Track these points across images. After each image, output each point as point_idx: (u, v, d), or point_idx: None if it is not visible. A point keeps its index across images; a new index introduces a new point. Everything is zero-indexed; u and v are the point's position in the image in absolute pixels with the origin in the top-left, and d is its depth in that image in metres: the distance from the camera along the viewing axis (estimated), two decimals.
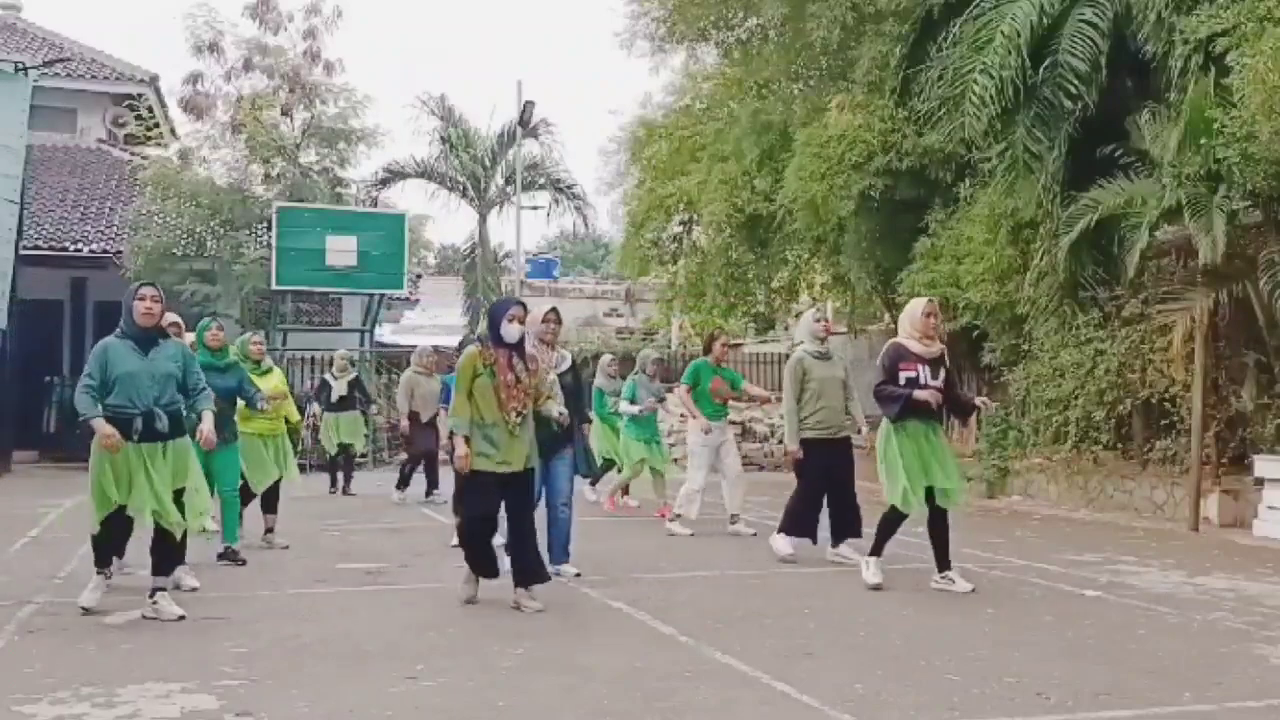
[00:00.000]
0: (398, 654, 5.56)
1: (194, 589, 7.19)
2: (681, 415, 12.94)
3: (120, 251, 18.97)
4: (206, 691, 4.84)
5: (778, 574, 8.11)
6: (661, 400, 12.29)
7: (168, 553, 6.58)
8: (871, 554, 7.44)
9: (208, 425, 6.68)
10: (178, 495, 6.47)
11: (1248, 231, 10.90)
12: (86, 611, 6.43)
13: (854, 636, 6.07)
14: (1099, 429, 12.44)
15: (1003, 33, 11.91)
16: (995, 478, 13.94)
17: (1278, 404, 10.94)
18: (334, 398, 14.34)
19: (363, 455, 15.05)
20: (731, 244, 18.74)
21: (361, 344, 21.04)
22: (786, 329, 25.67)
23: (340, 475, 14.46)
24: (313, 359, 19.22)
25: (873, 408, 7.80)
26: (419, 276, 24.19)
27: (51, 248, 19.59)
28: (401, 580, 7.84)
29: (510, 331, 6.77)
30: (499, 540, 6.99)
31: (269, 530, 9.31)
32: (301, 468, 16.42)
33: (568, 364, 7.85)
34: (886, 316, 17.78)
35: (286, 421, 9.50)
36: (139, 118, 22.28)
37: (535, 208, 30.55)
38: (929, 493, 7.23)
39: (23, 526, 10.34)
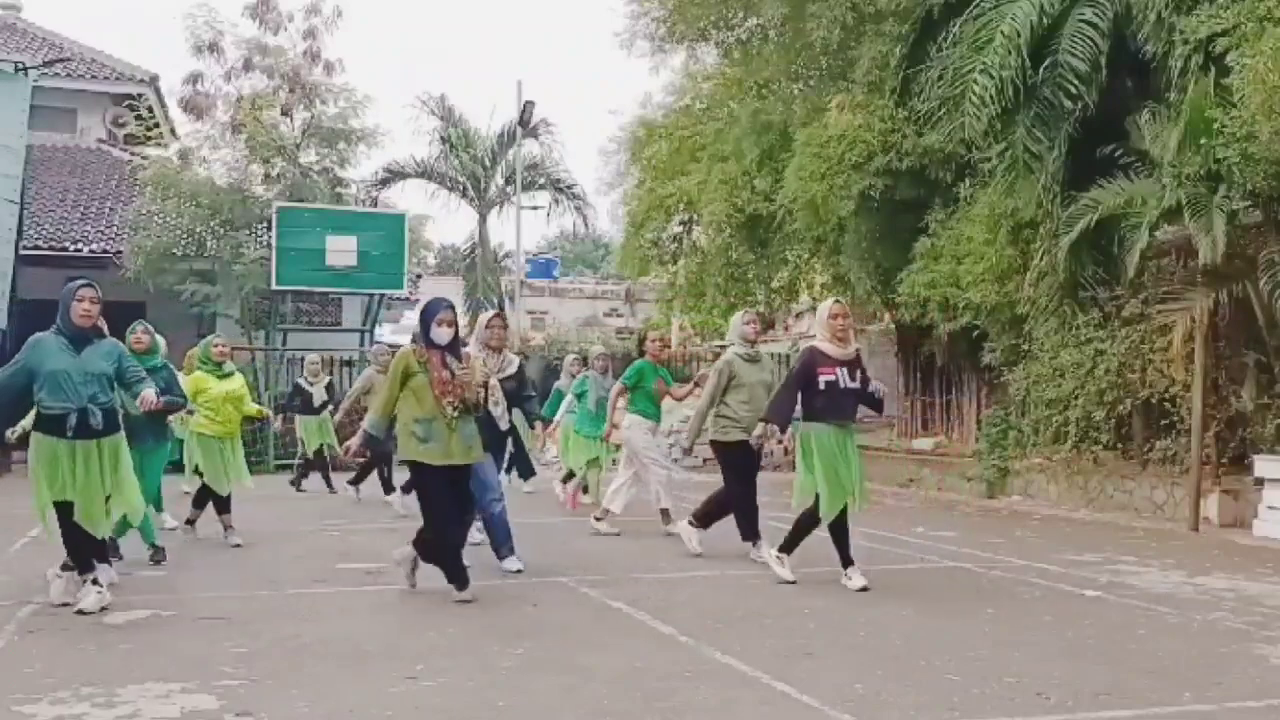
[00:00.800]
0: (398, 654, 5.56)
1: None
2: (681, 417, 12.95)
3: (120, 251, 18.96)
4: (206, 691, 4.84)
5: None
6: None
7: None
8: (783, 550, 7.49)
9: (150, 390, 6.68)
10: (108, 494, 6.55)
11: (1248, 231, 10.90)
12: (82, 612, 6.43)
13: (854, 636, 6.07)
14: (1099, 429, 12.43)
15: (1003, 33, 11.90)
16: (995, 478, 13.95)
17: (1278, 404, 10.94)
18: (316, 403, 14.41)
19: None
20: (731, 244, 18.72)
21: (361, 344, 21.03)
22: (786, 329, 25.69)
23: (330, 474, 14.53)
24: None
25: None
26: (419, 276, 24.19)
27: (51, 248, 19.58)
28: (401, 580, 7.82)
29: (440, 334, 6.90)
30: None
31: (228, 528, 9.41)
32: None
33: (514, 368, 7.91)
34: (886, 316, 17.77)
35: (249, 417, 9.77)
36: (139, 118, 22.28)
37: (535, 208, 30.61)
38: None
39: (22, 526, 10.31)
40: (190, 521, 9.72)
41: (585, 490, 12.65)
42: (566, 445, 12.55)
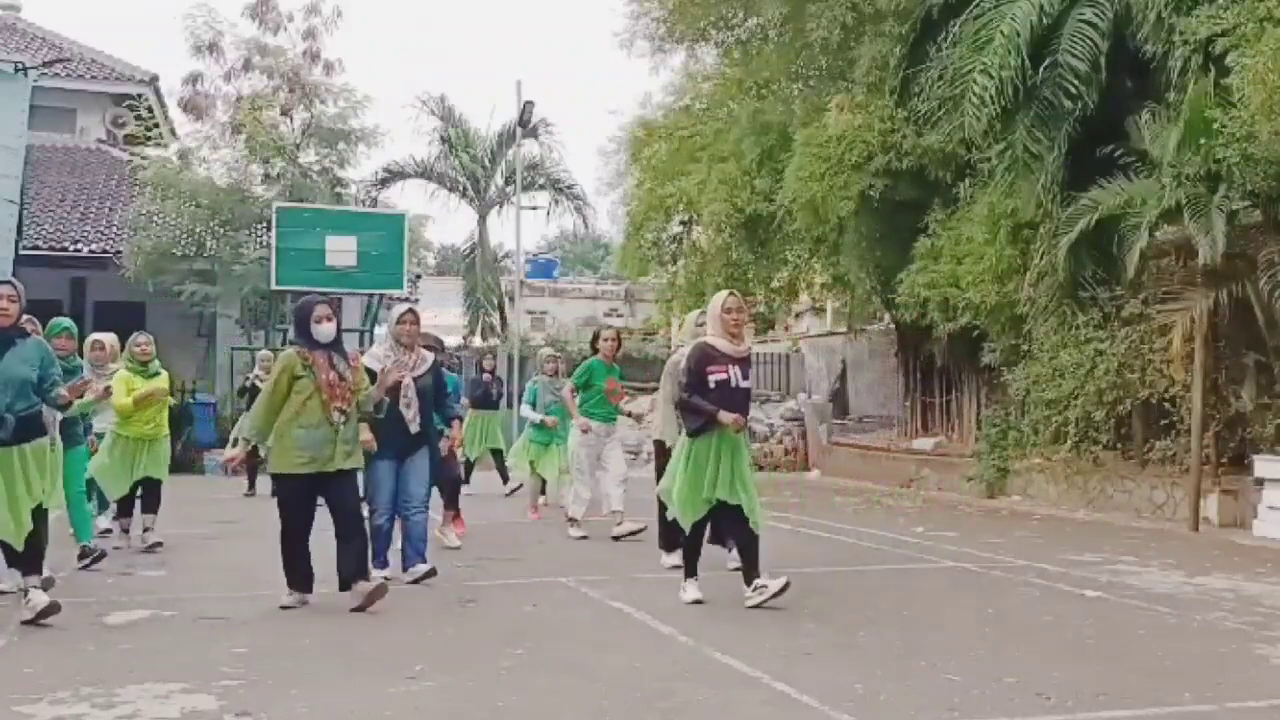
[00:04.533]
0: (398, 654, 5.56)
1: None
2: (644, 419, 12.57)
3: (120, 251, 18.96)
4: (206, 691, 4.84)
5: (777, 575, 8.09)
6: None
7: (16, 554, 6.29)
8: (688, 577, 6.98)
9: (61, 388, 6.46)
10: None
11: (1247, 231, 10.91)
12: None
13: (854, 636, 6.07)
14: (1099, 429, 12.43)
15: (1003, 33, 11.91)
16: (995, 478, 13.95)
17: (1278, 404, 10.94)
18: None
19: None
20: (731, 244, 18.71)
21: (361, 344, 21.01)
22: (787, 329, 25.69)
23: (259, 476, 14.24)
24: None
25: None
26: (419, 277, 24.17)
27: (51, 248, 19.57)
28: (401, 580, 7.82)
29: (322, 331, 6.69)
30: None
31: (146, 529, 9.17)
32: None
33: (427, 365, 7.62)
34: (886, 316, 17.77)
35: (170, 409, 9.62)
36: (139, 118, 22.29)
37: (535, 208, 30.53)
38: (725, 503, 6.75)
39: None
40: (124, 529, 9.36)
41: (543, 492, 12.11)
42: (524, 454, 11.95)
